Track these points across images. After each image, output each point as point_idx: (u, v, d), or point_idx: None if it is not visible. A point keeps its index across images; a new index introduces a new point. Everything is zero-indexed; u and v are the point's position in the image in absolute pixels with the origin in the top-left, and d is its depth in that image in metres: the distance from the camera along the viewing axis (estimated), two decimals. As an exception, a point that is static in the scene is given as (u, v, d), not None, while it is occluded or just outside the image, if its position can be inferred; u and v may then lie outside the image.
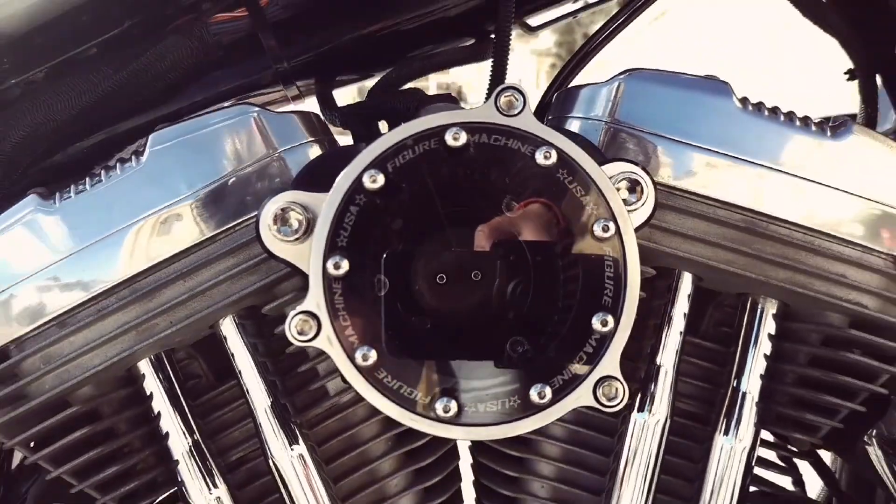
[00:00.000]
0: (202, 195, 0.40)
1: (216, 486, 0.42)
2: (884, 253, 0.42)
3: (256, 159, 0.40)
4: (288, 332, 0.33)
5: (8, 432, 0.41)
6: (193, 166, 0.40)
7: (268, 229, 0.34)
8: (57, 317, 0.40)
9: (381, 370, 0.33)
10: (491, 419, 0.34)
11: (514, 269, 0.36)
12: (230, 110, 0.41)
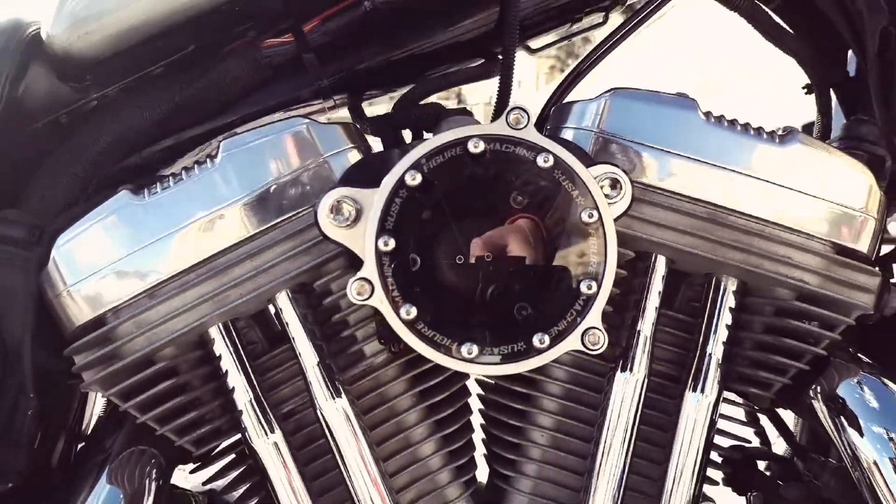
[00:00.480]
0: (265, 191, 0.49)
1: (273, 431, 0.51)
2: (823, 239, 0.51)
3: (308, 162, 0.49)
4: (349, 293, 0.42)
5: (104, 385, 0.50)
6: (258, 167, 0.49)
7: (325, 217, 0.43)
8: (147, 289, 0.49)
9: (419, 323, 0.42)
10: (503, 360, 0.43)
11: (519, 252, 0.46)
12: (287, 122, 0.50)
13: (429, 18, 0.60)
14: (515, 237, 0.45)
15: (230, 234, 0.48)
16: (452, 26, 0.60)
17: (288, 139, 0.50)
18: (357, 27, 0.58)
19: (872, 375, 0.53)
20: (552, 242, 0.44)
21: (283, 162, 0.49)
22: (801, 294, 0.51)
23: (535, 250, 0.44)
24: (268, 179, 0.49)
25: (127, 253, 0.48)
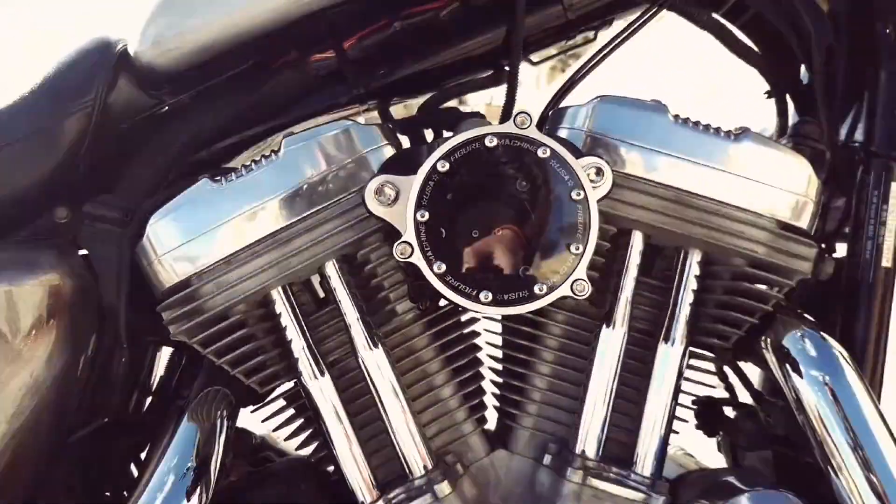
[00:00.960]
0: (319, 179, 0.60)
1: (322, 375, 0.62)
2: (769, 217, 0.63)
3: (352, 156, 0.61)
4: (395, 253, 0.54)
5: (189, 335, 0.61)
6: (313, 160, 0.61)
7: (371, 197, 0.55)
8: (224, 258, 0.60)
9: (447, 276, 0.54)
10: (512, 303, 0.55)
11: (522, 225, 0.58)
12: (335, 123, 0.62)
13: (446, 37, 0.72)
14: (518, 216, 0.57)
15: (291, 213, 0.60)
16: (466, 43, 0.72)
17: (337, 137, 0.62)
18: (386, 44, 0.70)
19: (812, 329, 0.64)
20: (547, 217, 0.56)
21: (333, 155, 0.61)
22: (752, 262, 0.63)
23: (533, 225, 0.56)
24: (321, 169, 0.61)
25: (208, 228, 0.60)
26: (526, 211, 0.56)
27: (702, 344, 0.67)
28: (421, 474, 0.63)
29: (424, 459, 0.63)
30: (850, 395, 0.61)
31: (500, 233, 0.55)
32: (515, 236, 0.56)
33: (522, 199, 0.55)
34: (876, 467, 0.60)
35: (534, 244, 0.56)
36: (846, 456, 0.60)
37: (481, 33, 0.72)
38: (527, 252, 0.56)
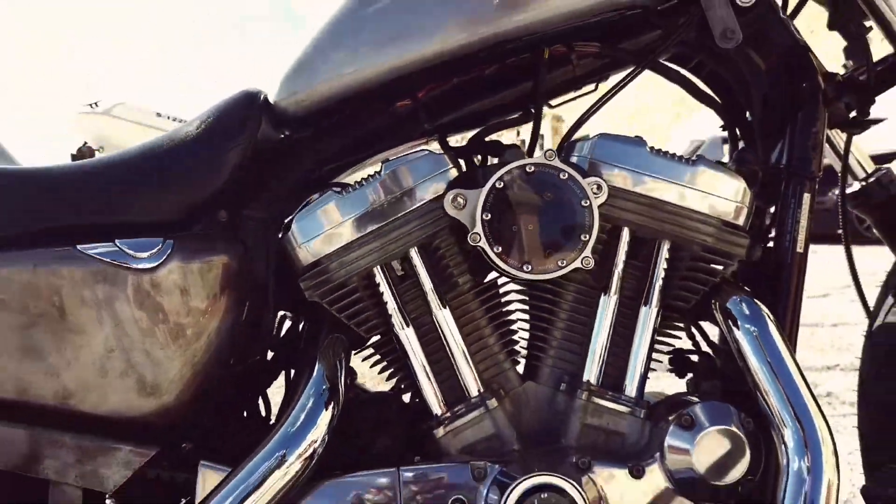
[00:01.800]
0: (408, 191, 0.88)
1: (408, 326, 0.90)
2: (717, 217, 0.90)
3: (430, 175, 0.89)
4: (469, 240, 0.82)
5: (321, 297, 0.88)
6: (404, 178, 0.89)
7: (449, 204, 0.84)
8: (345, 244, 0.88)
9: (503, 255, 0.82)
10: (543, 272, 0.84)
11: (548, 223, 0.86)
12: (417, 152, 0.91)
13: (489, 89, 1.00)
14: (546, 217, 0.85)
15: (388, 214, 0.88)
16: (503, 93, 1.01)
17: (419, 162, 0.90)
18: (447, 94, 0.99)
19: (747, 296, 0.92)
20: (565, 217, 0.85)
21: (417, 174, 0.89)
22: (704, 248, 0.91)
23: (555, 222, 0.85)
24: (409, 184, 0.89)
25: (335, 224, 0.88)
26: (551, 213, 0.84)
27: (671, 307, 0.95)
28: (476, 395, 0.91)
29: (477, 385, 0.91)
30: (772, 342, 0.89)
31: (534, 227, 0.84)
32: (544, 229, 0.84)
33: (549, 205, 0.84)
34: (789, 392, 0.86)
35: (556, 235, 0.84)
36: (770, 384, 0.87)
37: (514, 86, 1.00)
38: (552, 240, 0.84)
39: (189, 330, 0.86)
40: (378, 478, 0.86)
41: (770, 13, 0.98)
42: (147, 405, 0.85)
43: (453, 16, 0.88)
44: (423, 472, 0.86)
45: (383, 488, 0.86)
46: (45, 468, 0.84)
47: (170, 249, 0.85)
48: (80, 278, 0.83)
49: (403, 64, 0.91)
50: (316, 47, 0.93)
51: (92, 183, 0.90)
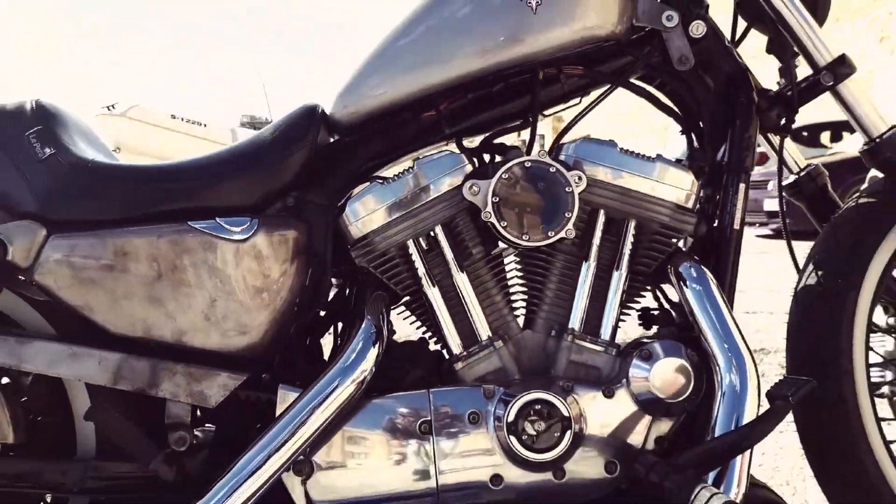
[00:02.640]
0: (435, 181, 1.16)
1: (434, 286, 1.17)
2: (671, 202, 1.17)
3: (452, 169, 1.17)
4: (483, 217, 1.09)
5: (368, 263, 1.15)
6: (433, 171, 1.16)
7: (467, 191, 1.11)
8: (386, 223, 1.15)
9: (508, 229, 1.10)
10: (539, 240, 1.11)
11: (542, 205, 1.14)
12: (440, 152, 1.18)
13: (496, 102, 1.27)
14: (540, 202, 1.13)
15: (420, 199, 1.15)
16: (506, 105, 1.28)
17: (443, 159, 1.18)
18: (462, 107, 1.26)
19: (695, 263, 1.19)
20: (554, 200, 1.12)
21: (441, 169, 1.17)
22: (661, 225, 1.17)
23: (546, 204, 1.12)
24: (436, 176, 1.16)
25: (378, 208, 1.16)
26: (543, 197, 1.12)
27: (636, 271, 1.22)
28: (486, 338, 1.18)
29: (487, 331, 1.18)
30: (713, 297, 1.15)
31: (531, 207, 1.12)
32: (538, 209, 1.12)
33: (542, 191, 1.12)
34: (724, 333, 1.12)
35: (547, 213, 1.12)
36: (710, 328, 1.13)
37: (515, 100, 1.27)
38: (544, 217, 1.12)
39: (269, 287, 1.14)
40: (413, 398, 1.13)
41: (717, 43, 1.26)
42: (239, 342, 1.13)
43: (468, 49, 1.16)
44: (446, 393, 1.14)
45: (417, 406, 1.13)
46: (162, 390, 1.12)
47: (256, 225, 1.13)
48: (191, 246, 1.11)
49: (429, 86, 1.18)
50: (362, 73, 1.21)
51: (196, 175, 1.17)
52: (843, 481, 1.21)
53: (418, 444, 1.12)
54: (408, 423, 1.12)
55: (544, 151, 1.13)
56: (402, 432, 1.12)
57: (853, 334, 1.21)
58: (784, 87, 1.31)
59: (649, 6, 1.20)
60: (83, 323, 1.11)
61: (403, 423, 1.12)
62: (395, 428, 1.12)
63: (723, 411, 1.10)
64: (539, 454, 1.09)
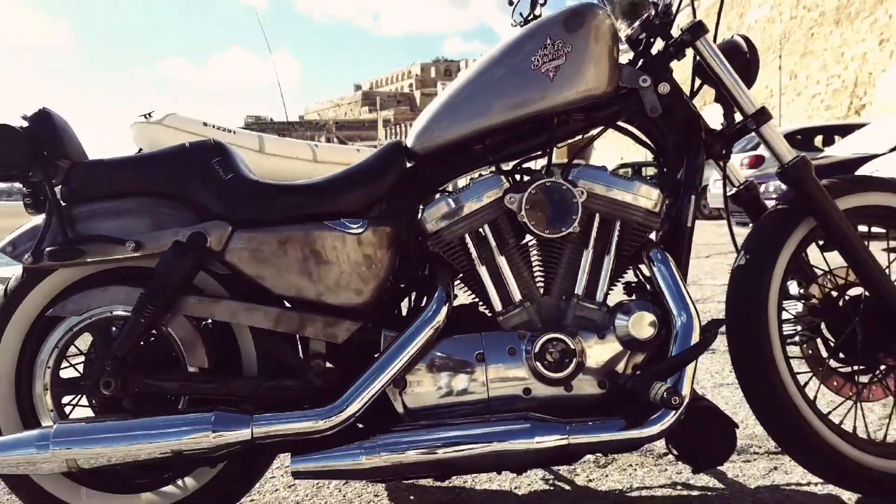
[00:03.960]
0: (484, 194, 1.73)
1: (483, 266, 1.75)
2: (643, 208, 1.74)
3: (495, 188, 1.73)
4: (518, 219, 1.67)
5: (440, 250, 1.74)
6: (484, 188, 1.73)
7: (506, 201, 1.68)
8: (452, 222, 1.71)
9: (536, 226, 1.67)
10: (557, 232, 1.68)
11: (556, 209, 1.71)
12: (489, 174, 1.76)
13: (523, 139, 1.84)
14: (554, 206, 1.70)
15: (473, 207, 1.72)
16: (531, 140, 1.85)
17: (489, 179, 1.74)
18: (501, 142, 1.83)
19: (659, 248, 1.76)
20: (564, 206, 1.69)
21: (488, 186, 1.73)
22: (637, 224, 1.74)
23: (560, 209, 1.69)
24: (484, 192, 1.73)
25: (446, 212, 1.72)
26: (558, 205, 1.69)
27: (620, 256, 1.78)
28: (518, 301, 1.75)
29: (518, 296, 1.74)
30: (673, 274, 1.73)
31: (550, 212, 1.68)
32: (555, 213, 1.69)
33: (557, 201, 1.69)
34: (679, 296, 1.71)
35: (562, 215, 1.68)
36: (671, 296, 1.71)
37: (537, 137, 1.84)
38: (559, 218, 1.69)
39: (375, 264, 1.71)
40: (471, 339, 1.70)
41: (678, 97, 1.83)
42: (357, 300, 1.70)
43: (506, 104, 1.73)
44: (492, 336, 1.71)
45: (474, 344, 1.70)
46: (306, 332, 1.69)
47: (366, 224, 1.70)
48: (327, 237, 1.68)
49: (479, 129, 1.75)
50: (432, 118, 1.78)
51: (327, 190, 1.75)
52: (762, 397, 1.77)
53: (475, 368, 1.69)
54: (468, 355, 1.69)
55: (559, 175, 1.70)
56: (464, 361, 1.69)
57: (769, 298, 1.77)
58: (724, 128, 1.88)
59: (629, 73, 1.78)
60: (254, 287, 1.69)
61: (465, 355, 1.69)
62: (460, 358, 1.69)
63: (676, 344, 1.67)
64: (554, 374, 1.66)
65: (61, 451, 1.56)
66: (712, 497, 1.87)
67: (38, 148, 1.68)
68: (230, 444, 1.58)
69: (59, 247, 1.66)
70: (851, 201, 1.83)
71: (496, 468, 1.72)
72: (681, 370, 1.62)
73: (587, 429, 1.60)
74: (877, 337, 1.81)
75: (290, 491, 2.04)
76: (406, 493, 2.00)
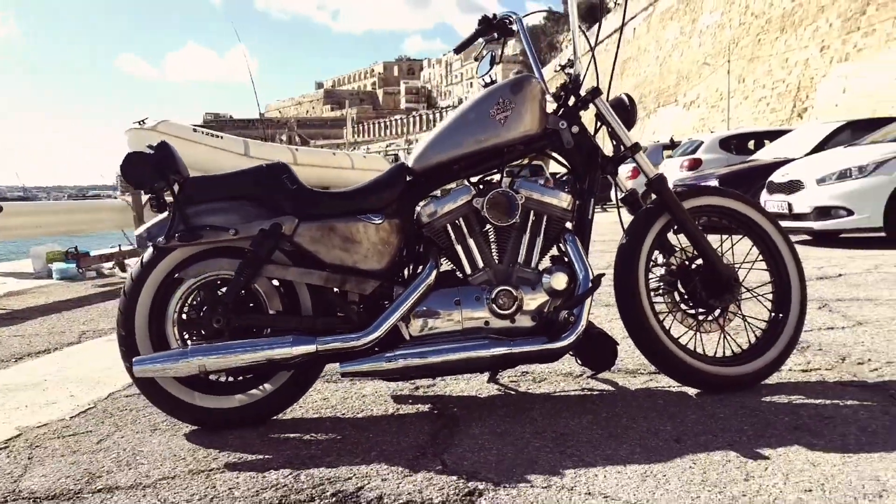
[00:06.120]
0: (460, 199, 2.70)
1: (459, 245, 2.71)
2: (560, 207, 2.73)
3: (466, 193, 2.70)
4: (483, 213, 2.63)
5: (429, 233, 2.70)
6: (459, 195, 2.69)
7: (475, 203, 2.65)
8: (438, 217, 2.68)
9: (494, 217, 2.64)
10: (506, 223, 2.65)
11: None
12: (462, 186, 2.72)
13: (485, 162, 2.81)
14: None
15: (451, 206, 2.69)
16: (490, 163, 2.82)
17: (462, 189, 2.71)
18: (470, 164, 2.80)
19: (573, 233, 2.75)
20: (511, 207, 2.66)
21: (462, 193, 2.69)
22: (556, 218, 2.71)
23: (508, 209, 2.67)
24: (459, 197, 2.70)
25: (435, 210, 2.68)
26: (507, 205, 2.66)
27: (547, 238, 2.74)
28: (481, 267, 2.72)
29: (481, 264, 2.72)
30: (580, 250, 2.72)
31: (503, 208, 2.65)
32: (505, 209, 2.66)
33: (506, 202, 2.66)
34: (583, 264, 2.70)
35: (509, 211, 2.65)
36: (577, 262, 2.71)
37: (494, 160, 2.81)
38: (508, 212, 2.66)
39: (389, 243, 2.67)
40: (451, 291, 2.67)
41: (585, 135, 2.82)
42: (378, 266, 2.65)
43: (473, 140, 2.69)
44: (466, 288, 2.68)
45: (452, 295, 2.67)
46: (345, 287, 2.64)
47: (384, 217, 2.66)
48: (358, 226, 2.63)
49: (456, 155, 2.72)
50: (426, 146, 2.73)
51: (358, 195, 2.70)
52: (635, 327, 2.77)
53: (454, 310, 2.65)
54: (449, 302, 2.66)
55: (507, 186, 2.68)
56: (446, 303, 2.66)
57: (639, 264, 2.77)
58: (613, 155, 2.88)
59: (553, 119, 2.77)
60: (311, 259, 2.63)
61: (448, 302, 2.66)
62: (445, 301, 2.66)
63: (578, 291, 2.66)
64: (504, 312, 2.63)
65: (195, 360, 2.49)
66: (606, 394, 2.88)
67: (160, 167, 2.60)
68: (303, 354, 2.53)
69: (182, 233, 2.59)
70: (693, 203, 2.84)
71: (467, 370, 2.69)
72: (581, 304, 2.61)
73: (523, 343, 2.58)
74: (709, 290, 2.83)
75: (324, 402, 2.98)
76: (406, 397, 2.96)
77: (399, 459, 2.24)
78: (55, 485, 2.16)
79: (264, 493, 2.02)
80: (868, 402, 2.61)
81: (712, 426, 2.44)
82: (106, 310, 5.96)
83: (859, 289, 5.32)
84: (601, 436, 2.38)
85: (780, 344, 2.84)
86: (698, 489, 1.94)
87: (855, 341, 3.60)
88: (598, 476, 2.04)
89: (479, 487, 1.99)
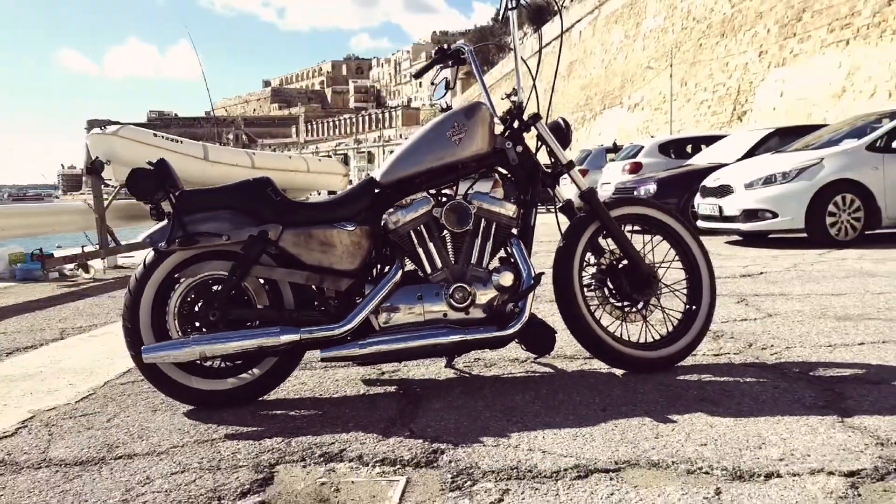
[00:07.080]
0: (421, 208, 3.14)
1: (420, 248, 3.16)
2: (507, 215, 3.20)
3: (426, 204, 3.15)
4: (442, 221, 3.09)
5: (395, 238, 3.15)
6: (420, 205, 3.14)
7: (434, 212, 3.11)
8: (402, 224, 3.12)
9: (450, 224, 3.09)
10: (460, 229, 3.12)
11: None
12: (423, 197, 3.18)
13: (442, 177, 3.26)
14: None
15: (414, 215, 3.14)
16: (448, 177, 3.28)
17: (422, 200, 3.16)
18: (431, 179, 3.25)
19: (517, 237, 3.22)
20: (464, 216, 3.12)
21: (422, 204, 3.14)
22: (504, 224, 3.18)
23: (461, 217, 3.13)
24: (420, 207, 3.15)
25: (400, 218, 3.13)
26: (461, 214, 3.12)
27: (496, 242, 3.22)
28: (440, 268, 3.17)
29: (440, 265, 3.17)
30: (524, 252, 3.19)
31: (457, 217, 3.11)
32: (460, 217, 3.12)
33: (460, 212, 3.12)
34: (526, 264, 3.18)
35: (463, 219, 3.11)
36: (521, 262, 3.18)
37: (449, 177, 3.26)
38: (462, 220, 3.12)
39: (361, 246, 3.11)
40: (413, 288, 3.12)
41: (527, 153, 3.30)
42: (351, 266, 3.08)
43: (433, 157, 3.15)
44: (427, 286, 3.14)
45: (416, 290, 3.12)
46: (323, 285, 3.07)
47: (356, 224, 3.10)
48: (334, 233, 3.06)
49: (417, 171, 3.17)
50: (392, 163, 3.18)
51: (336, 205, 3.12)
52: (570, 318, 3.26)
53: (416, 304, 3.10)
54: (413, 297, 3.11)
55: (462, 197, 3.14)
56: (410, 298, 3.10)
57: (574, 263, 3.26)
58: (551, 171, 3.36)
59: (500, 140, 3.24)
60: (294, 261, 3.05)
61: (411, 297, 3.11)
62: (409, 297, 3.11)
63: (522, 287, 3.14)
64: (460, 305, 3.09)
65: (197, 347, 2.89)
66: (546, 375, 3.36)
67: (160, 181, 3.00)
68: (288, 342, 2.95)
69: (181, 238, 2.99)
70: (618, 211, 3.35)
71: (429, 355, 3.14)
72: (525, 298, 3.08)
73: (476, 332, 3.05)
74: (633, 285, 3.34)
75: (302, 385, 3.41)
76: (374, 381, 3.40)
77: (373, 429, 2.68)
78: (80, 454, 2.54)
79: (262, 455, 2.44)
80: (764, 379, 3.14)
81: (633, 398, 2.93)
82: (78, 309, 6.25)
83: (776, 285, 5.94)
84: (541, 408, 2.85)
85: (693, 331, 3.36)
86: (617, 444, 2.42)
87: (763, 330, 4.16)
88: (538, 437, 2.51)
89: (441, 447, 2.44)
